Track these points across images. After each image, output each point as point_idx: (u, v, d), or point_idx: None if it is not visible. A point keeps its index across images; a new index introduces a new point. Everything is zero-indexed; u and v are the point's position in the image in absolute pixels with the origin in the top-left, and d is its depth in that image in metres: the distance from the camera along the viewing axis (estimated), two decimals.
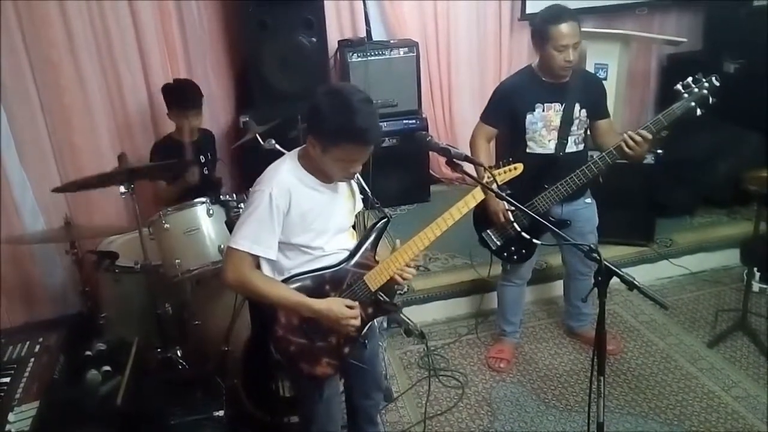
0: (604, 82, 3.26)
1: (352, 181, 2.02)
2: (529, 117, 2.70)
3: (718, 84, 2.50)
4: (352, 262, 1.96)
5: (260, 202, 1.79)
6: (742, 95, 4.07)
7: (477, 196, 2.04)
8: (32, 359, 2.15)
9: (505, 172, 2.18)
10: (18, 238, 3.16)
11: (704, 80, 2.51)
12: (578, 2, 4.34)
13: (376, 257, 2.01)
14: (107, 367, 2.17)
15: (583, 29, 2.65)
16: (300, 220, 1.83)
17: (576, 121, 2.71)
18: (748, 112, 3.89)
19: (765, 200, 3.21)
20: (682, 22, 4.94)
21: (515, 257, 2.87)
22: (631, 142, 2.53)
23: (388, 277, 1.96)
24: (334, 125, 1.72)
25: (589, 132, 2.81)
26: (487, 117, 2.80)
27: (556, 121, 2.70)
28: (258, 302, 1.91)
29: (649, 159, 3.50)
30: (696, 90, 2.51)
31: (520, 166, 2.22)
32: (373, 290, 1.96)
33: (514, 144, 2.77)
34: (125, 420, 2.04)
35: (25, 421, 1.86)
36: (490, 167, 2.18)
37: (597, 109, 2.77)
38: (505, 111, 2.74)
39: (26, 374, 2.06)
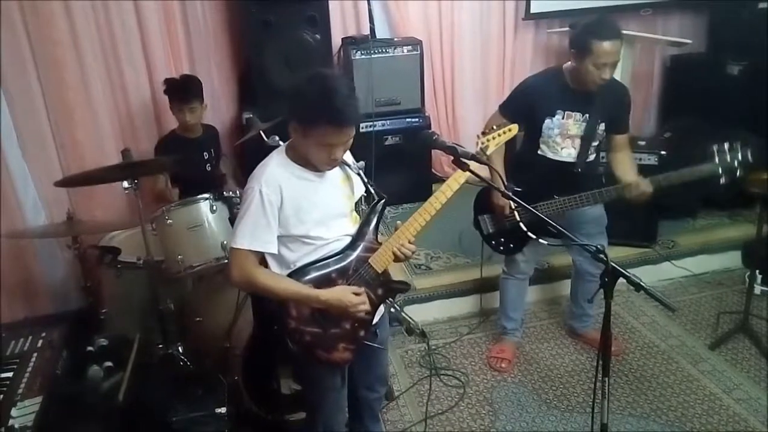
0: None
1: (346, 166, 2.00)
2: (547, 121, 2.67)
3: (751, 160, 2.51)
4: (356, 247, 1.96)
5: (252, 200, 1.80)
6: (745, 97, 4.07)
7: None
8: (35, 354, 2.15)
9: (499, 135, 2.15)
10: (20, 233, 3.16)
11: (740, 151, 2.52)
12: (581, 3, 4.35)
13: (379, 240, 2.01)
14: (109, 363, 2.18)
15: None
16: (295, 212, 1.83)
17: (596, 135, 2.69)
18: (751, 113, 3.88)
19: (767, 202, 3.20)
20: (685, 23, 4.93)
21: (501, 248, 2.88)
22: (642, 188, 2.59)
23: (393, 257, 1.96)
24: (311, 106, 1.73)
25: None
26: (505, 108, 2.74)
27: (573, 130, 2.66)
28: (266, 298, 1.90)
29: (652, 160, 3.50)
30: (728, 159, 2.51)
31: (515, 128, 2.19)
32: (379, 271, 1.96)
33: (527, 142, 2.76)
34: (127, 416, 2.05)
35: (29, 417, 1.86)
36: (483, 132, 2.16)
37: (616, 124, 2.73)
38: (525, 108, 2.69)
39: (29, 369, 2.07)
